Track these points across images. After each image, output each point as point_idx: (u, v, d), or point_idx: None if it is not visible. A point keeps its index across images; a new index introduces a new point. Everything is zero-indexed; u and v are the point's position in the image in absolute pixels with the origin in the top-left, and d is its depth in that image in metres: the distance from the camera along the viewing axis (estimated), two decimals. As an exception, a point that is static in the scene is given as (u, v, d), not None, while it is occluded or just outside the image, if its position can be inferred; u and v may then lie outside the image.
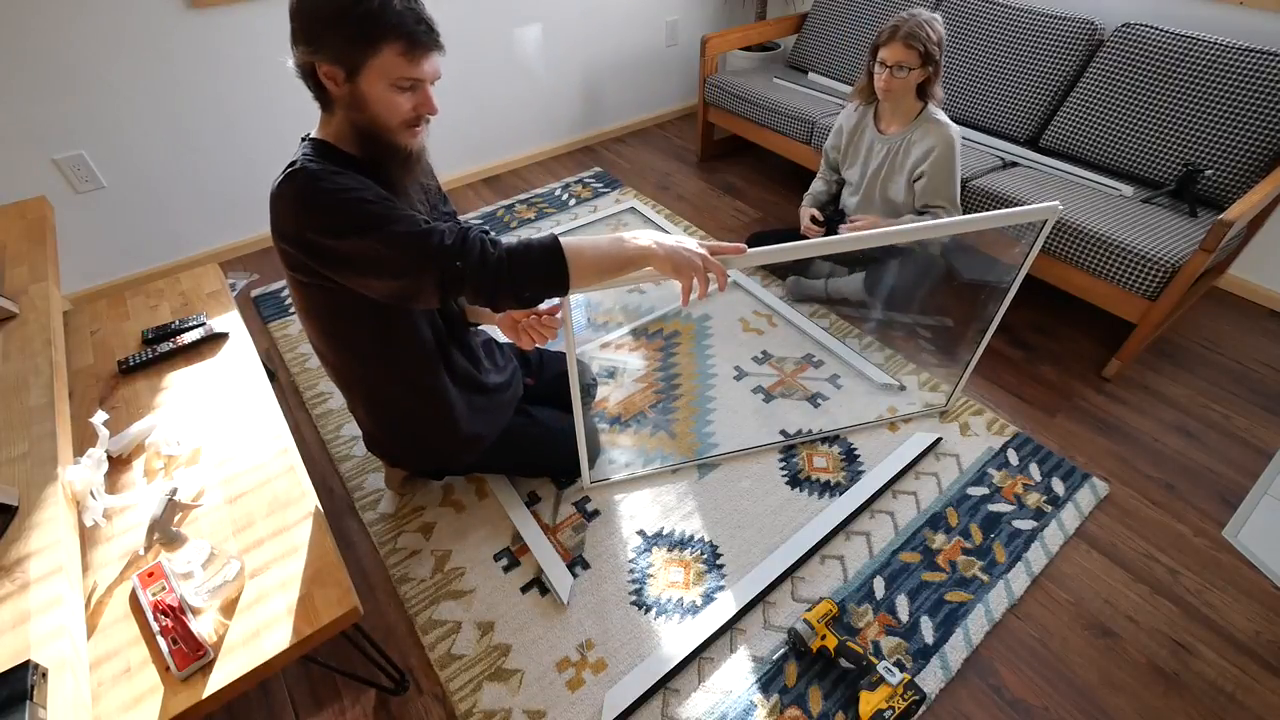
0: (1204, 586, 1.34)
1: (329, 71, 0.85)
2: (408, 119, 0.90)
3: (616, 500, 1.50)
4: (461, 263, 0.88)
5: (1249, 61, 1.74)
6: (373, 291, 0.94)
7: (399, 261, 0.88)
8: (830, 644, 1.18)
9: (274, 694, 1.19)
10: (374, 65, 0.84)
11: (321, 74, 0.86)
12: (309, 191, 0.87)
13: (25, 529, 0.86)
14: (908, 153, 1.76)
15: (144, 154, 2.02)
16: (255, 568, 0.96)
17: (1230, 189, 1.77)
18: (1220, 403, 1.74)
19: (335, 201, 0.86)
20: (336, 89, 0.87)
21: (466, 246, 0.89)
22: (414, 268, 0.88)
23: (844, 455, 1.59)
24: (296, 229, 0.89)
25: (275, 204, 0.91)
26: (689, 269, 0.96)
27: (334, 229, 0.87)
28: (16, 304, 1.21)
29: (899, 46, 1.59)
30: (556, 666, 1.21)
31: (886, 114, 1.80)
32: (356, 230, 0.86)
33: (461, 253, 0.88)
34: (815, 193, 2.07)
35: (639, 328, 1.98)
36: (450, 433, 1.24)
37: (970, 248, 2.09)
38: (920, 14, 1.60)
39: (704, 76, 2.71)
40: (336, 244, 0.88)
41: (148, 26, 1.86)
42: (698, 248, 0.97)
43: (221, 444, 1.14)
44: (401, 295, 0.93)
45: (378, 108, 0.88)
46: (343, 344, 1.09)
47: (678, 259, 0.96)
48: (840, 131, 1.93)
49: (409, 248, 0.87)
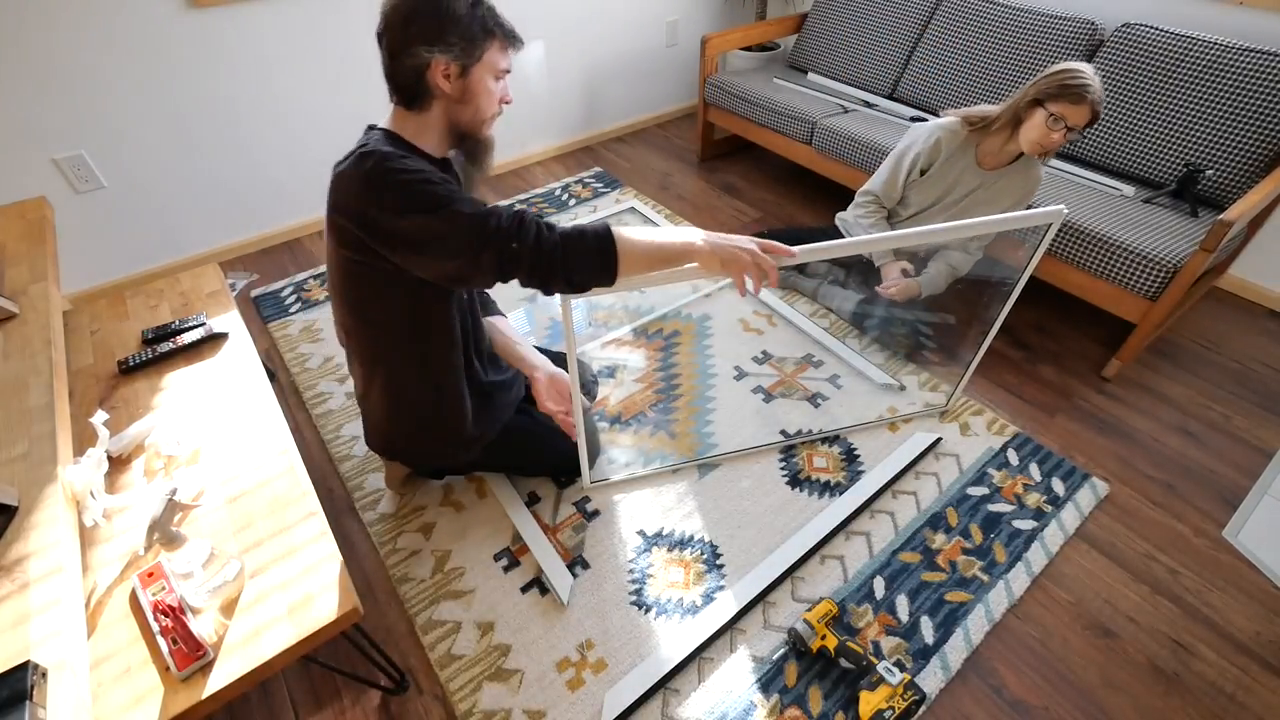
0: (1204, 586, 1.34)
1: (446, 68, 0.94)
2: (496, 109, 1.03)
3: (616, 500, 1.50)
4: (518, 244, 0.93)
5: (1249, 61, 1.74)
6: (428, 270, 0.97)
7: (459, 240, 0.92)
8: (830, 644, 1.18)
9: (274, 694, 1.19)
10: (484, 61, 0.96)
11: (437, 71, 0.94)
12: (380, 171, 0.92)
13: (25, 529, 0.86)
14: (1001, 194, 1.68)
15: (144, 154, 2.02)
16: (255, 568, 0.96)
17: (1231, 189, 1.77)
18: (1220, 403, 1.74)
19: (403, 181, 0.92)
20: (447, 84, 0.96)
21: (523, 229, 0.94)
22: (473, 247, 0.92)
23: (844, 455, 1.59)
24: (361, 206, 0.93)
25: (341, 181, 0.96)
26: (737, 264, 0.98)
27: (400, 207, 0.91)
28: (16, 304, 1.21)
29: (1088, 110, 1.44)
30: (556, 666, 1.21)
31: (994, 151, 1.65)
32: (421, 209, 0.91)
33: (519, 234, 0.93)
34: None
35: (639, 328, 1.98)
36: (456, 430, 1.25)
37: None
38: (1091, 69, 1.45)
39: (704, 76, 2.71)
40: (400, 221, 0.92)
41: (148, 26, 1.86)
42: (749, 243, 0.99)
43: (221, 444, 1.14)
44: (457, 274, 0.97)
45: (481, 99, 0.99)
46: (376, 325, 1.11)
47: (725, 254, 0.98)
48: (940, 150, 1.70)
49: (470, 227, 0.92)
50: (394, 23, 0.94)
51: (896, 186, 1.80)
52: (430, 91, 0.97)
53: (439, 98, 0.98)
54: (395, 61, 0.95)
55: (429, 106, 0.99)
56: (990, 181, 1.69)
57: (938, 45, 2.34)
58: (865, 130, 2.23)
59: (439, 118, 1.01)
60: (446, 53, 0.93)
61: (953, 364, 1.85)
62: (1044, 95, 1.48)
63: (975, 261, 1.83)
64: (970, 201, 1.73)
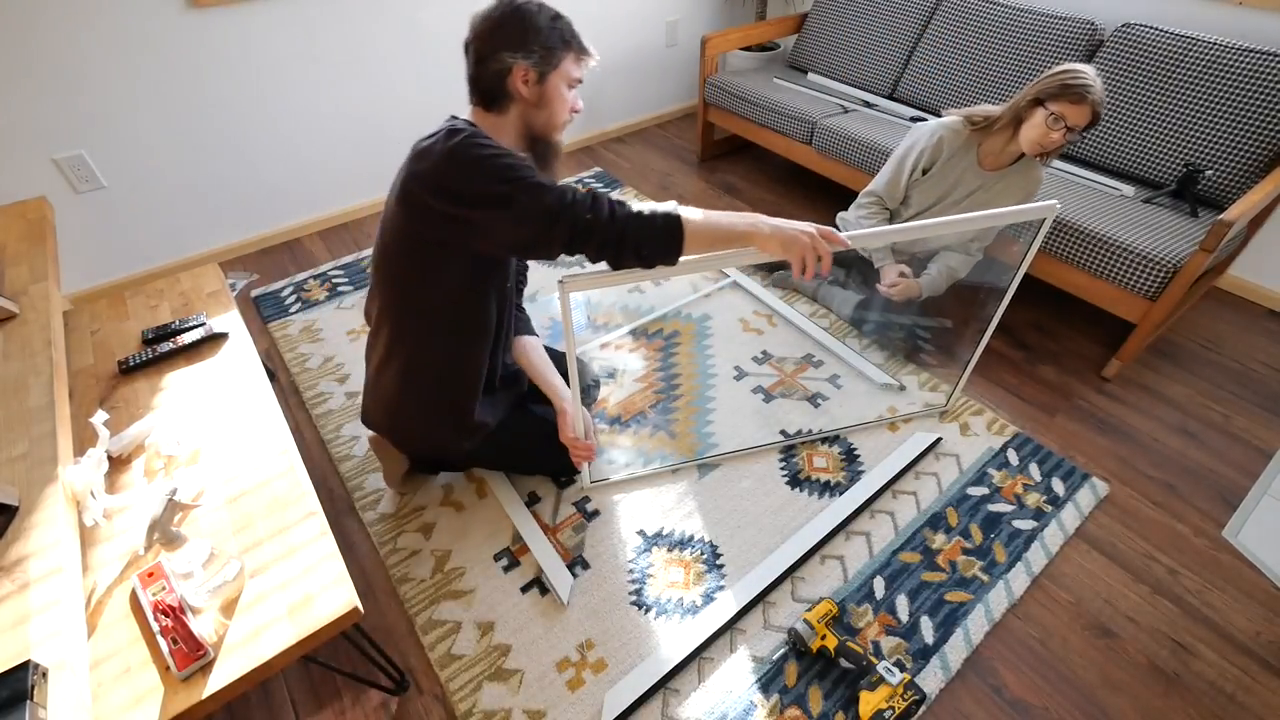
0: (1204, 586, 1.34)
1: (525, 74, 1.03)
2: (567, 117, 1.11)
3: (616, 500, 1.50)
4: (592, 217, 0.98)
5: (1249, 61, 1.74)
6: (499, 237, 1.01)
7: (535, 209, 0.97)
8: (830, 644, 1.18)
9: (274, 694, 1.19)
10: (560, 69, 1.05)
11: (517, 76, 1.03)
12: (465, 144, 0.97)
13: (25, 529, 0.86)
14: (1002, 194, 1.68)
15: (144, 154, 2.02)
16: (255, 568, 0.96)
17: (1230, 189, 1.77)
18: (1220, 403, 1.74)
19: (489, 153, 0.98)
20: (525, 89, 1.04)
21: (597, 204, 0.99)
22: (548, 216, 0.97)
23: (844, 455, 1.59)
24: (445, 171, 0.98)
25: (425, 151, 1.00)
26: (797, 247, 1.02)
27: (482, 176, 0.97)
28: (16, 304, 1.21)
29: (1088, 110, 1.45)
30: (556, 666, 1.21)
31: (996, 152, 1.65)
32: (500, 178, 0.97)
33: (592, 208, 0.99)
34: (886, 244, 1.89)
35: (639, 328, 1.98)
36: (464, 415, 1.26)
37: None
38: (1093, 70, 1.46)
39: (704, 76, 2.71)
40: (481, 187, 0.97)
41: (148, 26, 1.86)
42: (809, 227, 1.04)
43: (221, 444, 1.15)
44: (529, 242, 1.01)
45: (555, 104, 1.08)
46: (417, 304, 1.13)
47: (785, 237, 1.03)
48: (942, 149, 1.70)
49: (547, 198, 0.97)
50: (482, 32, 1.03)
51: (899, 186, 1.80)
52: (509, 95, 1.05)
53: (517, 101, 1.06)
54: (481, 66, 1.03)
55: (507, 109, 1.07)
56: (991, 183, 1.69)
57: (938, 45, 2.34)
58: (865, 130, 2.23)
59: (515, 120, 1.08)
60: (527, 59, 1.02)
61: (951, 364, 1.85)
62: (1044, 95, 1.48)
63: (975, 263, 1.83)
64: (971, 202, 1.73)
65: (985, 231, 1.75)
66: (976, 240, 1.78)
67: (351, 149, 2.41)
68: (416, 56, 2.38)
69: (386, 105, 2.40)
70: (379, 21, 2.24)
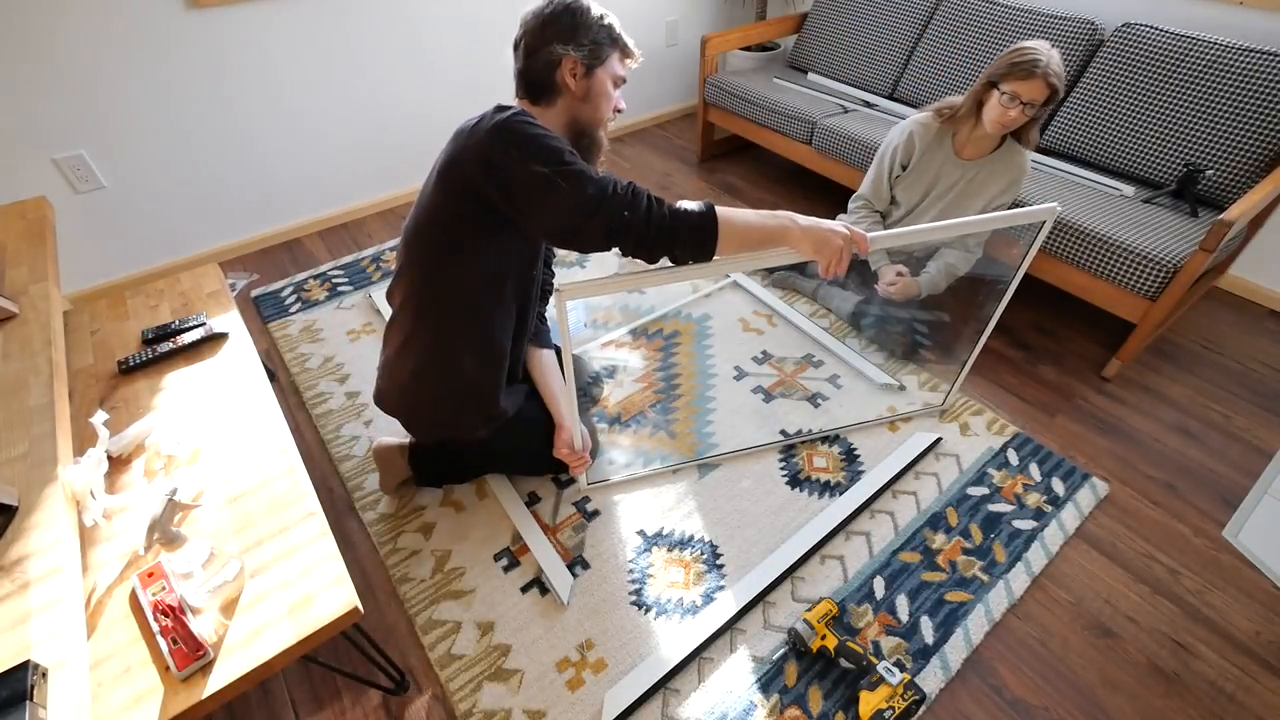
0: (1204, 586, 1.34)
1: (575, 67, 1.05)
2: (610, 113, 1.13)
3: (616, 500, 1.50)
4: (630, 213, 0.98)
5: (1249, 61, 1.74)
6: (539, 222, 1.01)
7: (577, 199, 0.96)
8: (830, 644, 1.18)
9: (274, 694, 1.19)
10: (607, 65, 1.08)
11: (565, 68, 1.05)
12: (516, 122, 0.98)
13: (25, 529, 0.86)
14: (986, 182, 1.69)
15: (144, 154, 2.02)
16: (255, 568, 0.96)
17: (1231, 189, 1.77)
18: (1220, 403, 1.74)
19: (536, 134, 0.98)
20: (574, 81, 1.06)
21: (635, 199, 0.99)
22: (588, 208, 0.97)
23: (844, 455, 1.59)
24: (491, 147, 0.98)
25: (472, 129, 1.01)
26: (828, 249, 1.03)
27: (528, 155, 0.97)
28: (16, 304, 1.21)
29: (1040, 84, 1.47)
30: (556, 666, 1.21)
31: (971, 140, 1.66)
32: (546, 161, 0.96)
33: (631, 204, 0.98)
34: None
35: (639, 328, 1.98)
36: (489, 401, 1.26)
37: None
38: (1046, 45, 1.49)
39: (704, 76, 2.71)
40: (527, 167, 0.96)
41: (148, 26, 1.86)
42: (840, 227, 1.04)
43: (221, 444, 1.14)
44: (567, 231, 1.00)
45: (600, 100, 1.10)
46: (448, 274, 1.12)
47: (817, 239, 1.03)
48: (913, 143, 1.74)
49: (589, 189, 0.97)
50: (533, 27, 1.06)
51: (883, 186, 1.85)
52: (557, 87, 1.07)
53: (563, 94, 1.08)
54: (532, 58, 1.06)
55: (554, 102, 1.09)
56: (972, 172, 1.70)
57: (938, 45, 2.34)
58: (865, 130, 2.23)
59: (561, 112, 1.10)
60: (577, 52, 1.04)
61: (950, 362, 1.85)
62: (995, 76, 1.53)
63: (975, 260, 1.83)
64: (957, 194, 1.74)
65: None
66: (974, 236, 1.78)
67: (352, 149, 2.41)
68: (417, 56, 2.38)
69: (386, 105, 2.40)
70: (379, 21, 2.24)
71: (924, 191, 1.79)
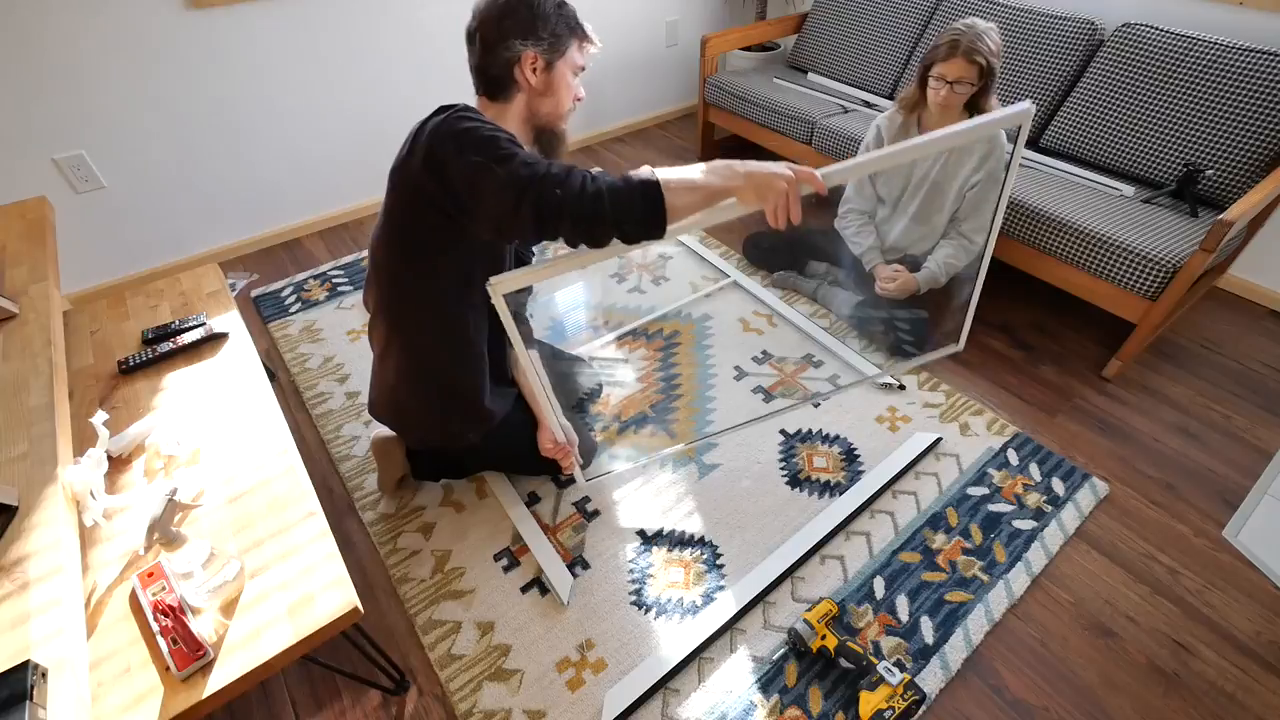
0: (1204, 586, 1.34)
1: (535, 61, 1.02)
2: (571, 105, 1.10)
3: (616, 500, 1.50)
4: (562, 191, 0.90)
5: (1249, 61, 1.74)
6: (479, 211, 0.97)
7: (506, 180, 0.91)
8: (830, 644, 1.18)
9: (274, 694, 1.19)
10: (567, 57, 1.05)
11: (526, 64, 1.02)
12: (454, 119, 0.96)
13: (25, 529, 0.86)
14: (960, 162, 1.71)
15: (144, 154, 2.02)
16: (255, 568, 0.96)
17: (1231, 189, 1.77)
18: (1220, 403, 1.74)
19: (472, 126, 0.95)
20: (533, 78, 1.04)
21: (569, 178, 0.91)
22: (518, 188, 0.91)
23: (844, 455, 1.59)
24: (429, 150, 0.96)
25: (417, 134, 0.99)
26: (772, 194, 0.93)
27: (464, 146, 0.94)
28: (16, 304, 1.21)
29: (960, 62, 1.53)
30: (556, 666, 1.21)
31: (933, 124, 1.71)
32: (480, 149, 0.93)
33: (564, 182, 0.90)
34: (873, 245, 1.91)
35: (639, 328, 1.98)
36: (473, 404, 1.26)
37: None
38: (977, 24, 1.54)
39: (704, 76, 2.71)
40: (462, 159, 0.94)
41: (148, 26, 1.86)
42: (783, 169, 0.93)
43: (221, 444, 1.14)
44: (501, 219, 0.95)
45: (561, 92, 1.07)
46: (412, 285, 1.11)
47: (760, 184, 0.93)
48: (880, 138, 1.81)
49: (520, 170, 0.91)
50: (489, 19, 1.02)
51: (865, 186, 1.92)
52: (516, 83, 1.04)
53: (523, 89, 1.05)
54: (490, 54, 1.02)
55: (512, 98, 1.06)
56: (945, 155, 1.73)
57: (938, 45, 2.34)
58: (865, 130, 2.22)
59: (520, 109, 1.07)
60: (537, 46, 1.01)
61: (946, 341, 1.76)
62: (925, 63, 1.62)
63: (974, 251, 1.82)
64: (934, 179, 1.77)
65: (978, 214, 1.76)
66: (968, 222, 1.78)
67: (351, 149, 2.41)
68: (416, 56, 2.38)
69: (387, 105, 2.40)
70: (379, 21, 2.24)
71: (903, 184, 1.83)
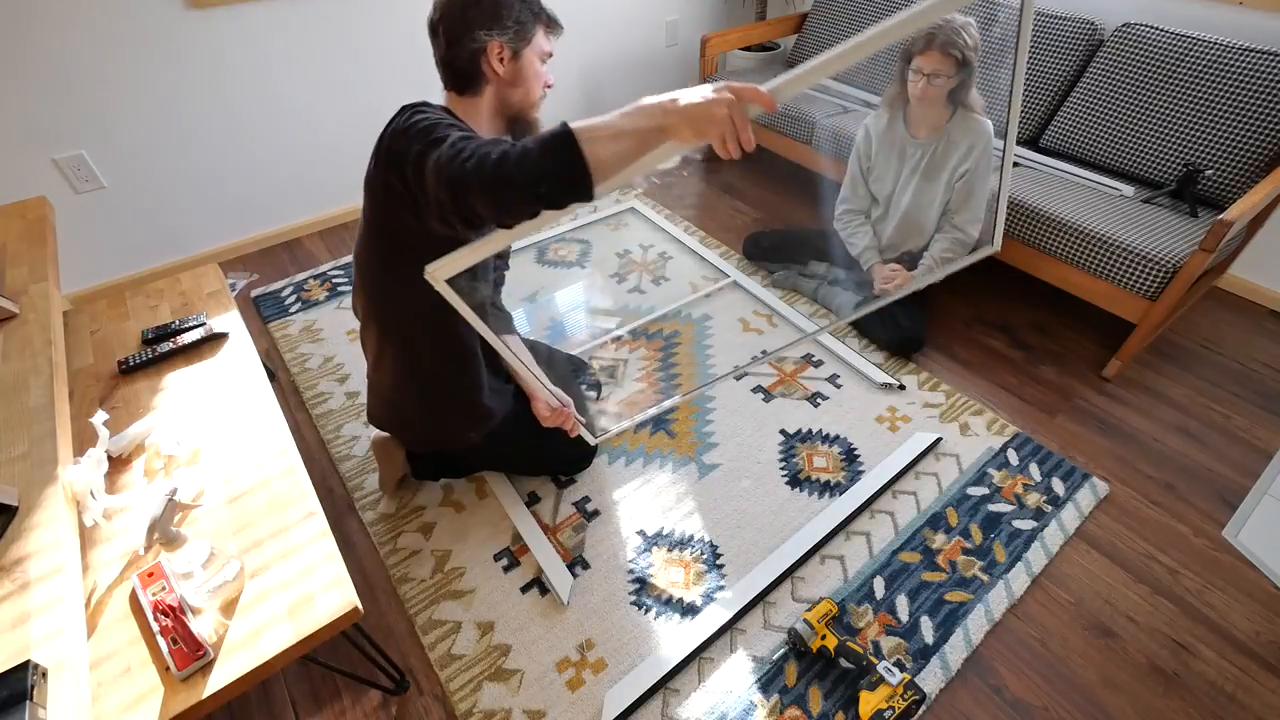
0: (1204, 586, 1.34)
1: (501, 51, 1.00)
2: (542, 92, 1.08)
3: (616, 500, 1.50)
4: (472, 161, 0.79)
5: (1249, 61, 1.74)
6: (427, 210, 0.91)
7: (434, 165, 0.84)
8: (830, 644, 1.18)
9: (274, 694, 1.19)
10: (534, 44, 1.02)
11: (492, 54, 1.00)
12: (407, 114, 0.95)
13: (25, 529, 0.86)
14: (947, 153, 1.73)
15: (144, 154, 2.02)
16: (255, 568, 0.96)
17: (1230, 189, 1.77)
18: (1220, 403, 1.74)
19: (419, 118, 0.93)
20: (501, 68, 1.01)
21: (485, 148, 0.80)
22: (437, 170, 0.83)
23: (844, 455, 1.59)
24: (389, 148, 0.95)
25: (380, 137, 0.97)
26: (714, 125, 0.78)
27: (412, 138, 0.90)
28: (16, 304, 1.21)
29: (936, 55, 1.56)
30: (556, 666, 1.21)
31: (917, 118, 1.76)
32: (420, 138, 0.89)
33: (476, 152, 0.79)
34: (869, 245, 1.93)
35: (639, 328, 1.98)
36: (470, 402, 1.25)
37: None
38: (955, 19, 1.57)
39: (704, 77, 2.71)
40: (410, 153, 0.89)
41: (148, 26, 1.86)
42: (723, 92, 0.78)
43: (221, 444, 1.14)
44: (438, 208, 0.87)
45: (530, 81, 1.05)
46: (393, 290, 1.11)
47: (696, 118, 0.78)
48: (869, 136, 1.87)
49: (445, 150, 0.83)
50: (451, 11, 0.99)
51: (859, 186, 1.95)
52: (484, 75, 1.02)
53: (491, 81, 1.03)
54: (455, 47, 0.99)
55: (481, 91, 1.04)
56: (931, 147, 1.75)
57: (938, 45, 2.34)
58: (865, 130, 2.23)
59: (490, 100, 1.05)
60: (502, 35, 0.99)
61: None
62: (904, 57, 1.66)
63: (970, 244, 1.82)
64: (923, 172, 1.78)
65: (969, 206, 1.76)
66: (960, 214, 1.79)
67: (351, 149, 2.40)
68: (416, 55, 2.38)
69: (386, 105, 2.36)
70: (379, 21, 2.24)
71: (895, 178, 1.85)
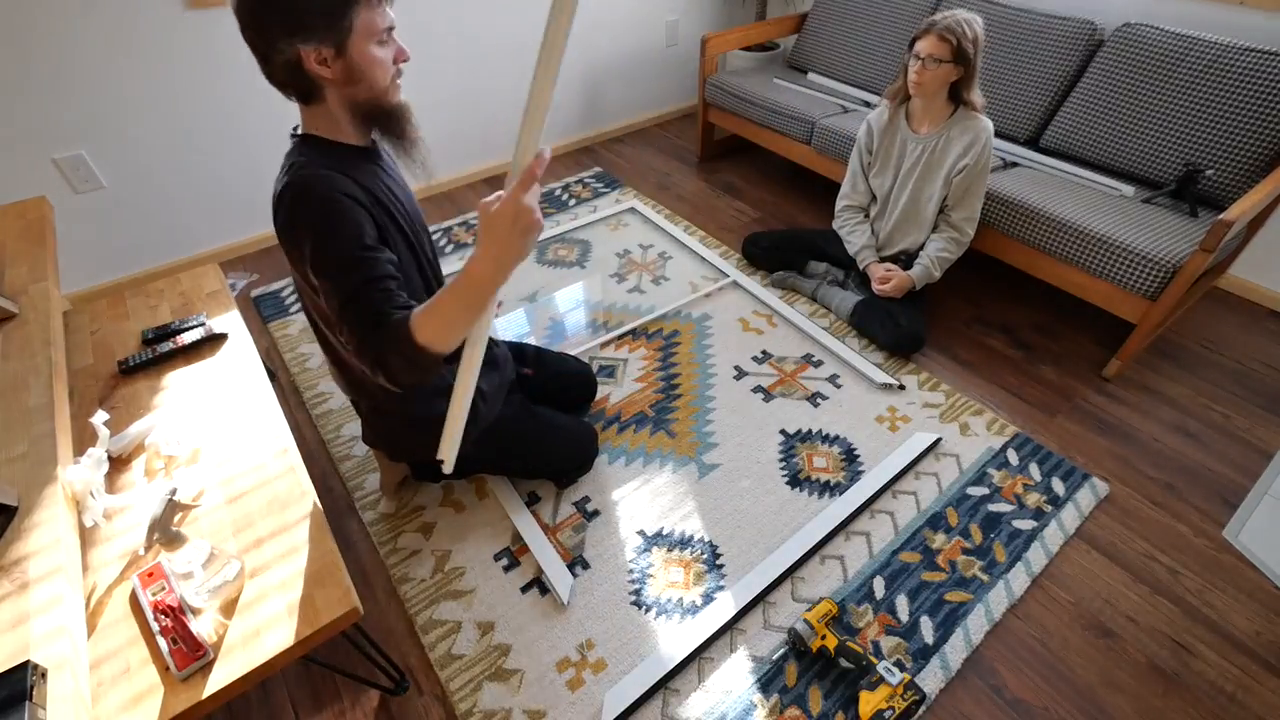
0: (1204, 586, 1.34)
1: (320, 54, 0.86)
2: (393, 72, 0.94)
3: (616, 500, 1.50)
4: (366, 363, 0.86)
5: (1249, 61, 1.74)
6: None
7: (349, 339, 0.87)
8: (830, 644, 1.18)
9: (274, 694, 1.19)
10: (357, 29, 0.86)
11: (312, 61, 0.86)
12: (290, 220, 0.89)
13: (25, 529, 0.86)
14: (946, 149, 1.75)
15: (144, 154, 2.02)
16: (255, 568, 0.96)
17: (1231, 189, 1.77)
18: (1220, 403, 1.74)
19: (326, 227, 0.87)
20: (328, 70, 0.88)
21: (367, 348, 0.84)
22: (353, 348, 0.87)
23: (844, 455, 1.59)
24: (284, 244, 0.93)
25: (276, 207, 0.92)
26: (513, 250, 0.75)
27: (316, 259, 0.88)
28: (16, 304, 1.21)
29: (933, 39, 1.61)
30: (556, 666, 1.21)
31: (919, 113, 1.79)
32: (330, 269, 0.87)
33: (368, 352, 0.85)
34: (867, 244, 1.95)
35: (639, 328, 1.98)
36: None
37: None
38: (959, 12, 1.61)
39: (704, 76, 2.71)
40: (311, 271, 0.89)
41: (147, 26, 1.86)
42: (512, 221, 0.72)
43: (221, 444, 1.14)
44: None
45: (372, 70, 0.90)
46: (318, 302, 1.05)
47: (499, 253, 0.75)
48: (871, 131, 1.90)
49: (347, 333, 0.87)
50: (247, 22, 0.85)
51: (859, 182, 1.98)
52: (316, 83, 0.90)
53: (327, 85, 0.90)
54: (268, 64, 0.88)
55: (323, 98, 0.92)
56: (931, 143, 1.77)
57: (938, 45, 2.34)
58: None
59: (338, 105, 0.93)
60: (310, 38, 0.84)
61: None
62: (909, 44, 1.69)
63: (966, 244, 1.85)
64: (922, 168, 1.80)
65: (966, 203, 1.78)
66: (957, 211, 1.80)
67: (351, 149, 2.41)
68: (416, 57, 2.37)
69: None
70: (379, 21, 2.24)
71: (893, 175, 1.87)
